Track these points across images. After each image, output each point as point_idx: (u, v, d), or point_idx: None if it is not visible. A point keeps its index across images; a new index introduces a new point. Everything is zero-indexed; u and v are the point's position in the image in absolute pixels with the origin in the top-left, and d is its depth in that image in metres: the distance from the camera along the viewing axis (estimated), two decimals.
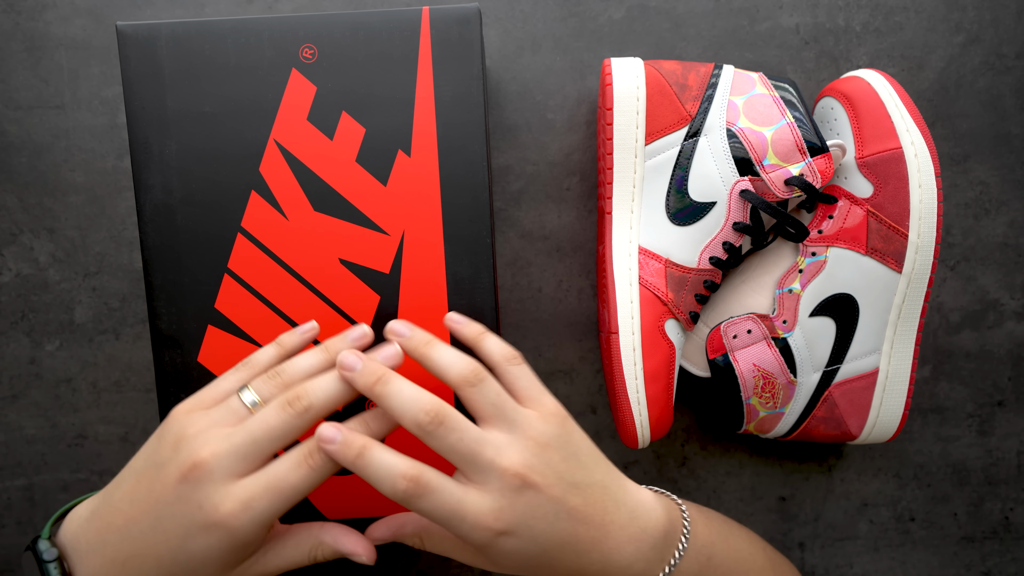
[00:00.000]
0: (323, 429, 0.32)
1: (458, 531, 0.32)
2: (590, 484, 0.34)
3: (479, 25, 0.38)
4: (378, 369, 0.33)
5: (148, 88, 0.38)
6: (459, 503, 0.32)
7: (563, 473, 0.33)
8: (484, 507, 0.32)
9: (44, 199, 0.47)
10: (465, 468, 0.33)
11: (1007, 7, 0.48)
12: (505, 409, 0.34)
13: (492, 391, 0.34)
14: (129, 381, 0.48)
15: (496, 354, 0.36)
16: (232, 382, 0.35)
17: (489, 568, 0.35)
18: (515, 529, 0.32)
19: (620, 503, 0.35)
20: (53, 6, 0.47)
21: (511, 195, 0.48)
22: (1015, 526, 0.50)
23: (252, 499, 0.31)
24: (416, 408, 0.32)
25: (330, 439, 0.32)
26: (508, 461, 0.32)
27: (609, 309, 0.42)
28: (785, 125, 0.41)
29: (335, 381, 0.33)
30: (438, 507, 0.32)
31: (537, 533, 0.32)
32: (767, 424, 0.44)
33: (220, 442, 0.31)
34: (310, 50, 0.38)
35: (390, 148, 0.39)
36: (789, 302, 0.42)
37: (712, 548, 0.37)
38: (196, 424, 0.32)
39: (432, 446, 0.33)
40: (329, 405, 0.33)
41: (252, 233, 0.39)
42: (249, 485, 0.31)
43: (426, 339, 0.36)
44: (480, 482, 0.32)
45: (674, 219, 0.42)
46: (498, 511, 0.32)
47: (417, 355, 0.35)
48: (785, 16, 0.47)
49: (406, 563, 0.50)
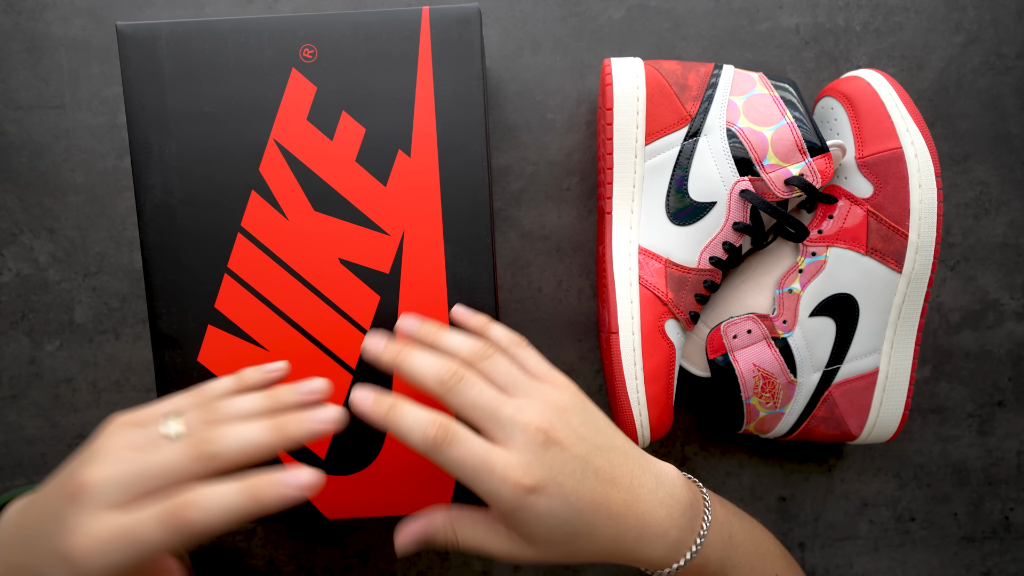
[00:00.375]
0: (356, 392, 0.34)
1: (487, 487, 0.31)
2: (612, 448, 0.34)
3: (479, 25, 0.38)
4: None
5: (148, 88, 0.38)
6: (487, 453, 0.32)
7: (584, 435, 0.33)
8: (512, 460, 0.32)
9: (44, 199, 0.47)
10: (487, 424, 0.33)
11: (1007, 7, 0.48)
12: (519, 381, 0.34)
13: (504, 364, 0.35)
14: (129, 381, 0.48)
15: (503, 340, 0.37)
16: (172, 405, 0.33)
17: (523, 555, 0.34)
18: (545, 485, 0.32)
19: (644, 468, 0.35)
20: (53, 6, 0.47)
21: (511, 195, 0.48)
22: (1015, 526, 0.50)
23: (107, 542, 0.28)
24: (436, 369, 0.33)
25: (362, 399, 0.33)
26: (529, 417, 0.32)
27: (609, 309, 0.42)
28: (785, 125, 0.41)
29: (256, 433, 0.31)
30: (467, 456, 0.32)
31: (568, 491, 0.32)
32: (767, 424, 0.44)
33: (114, 466, 0.29)
34: (310, 50, 0.38)
35: (390, 148, 0.39)
36: (789, 302, 0.42)
37: (731, 526, 0.37)
38: (115, 440, 0.30)
39: (453, 404, 0.33)
40: (238, 457, 0.30)
41: (252, 233, 0.39)
42: (113, 524, 0.28)
43: (434, 329, 0.37)
44: (504, 439, 0.32)
45: (674, 219, 0.42)
46: (526, 465, 0.32)
47: (428, 342, 0.36)
48: (785, 16, 0.47)
49: (406, 563, 0.50)
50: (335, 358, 0.39)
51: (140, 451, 0.30)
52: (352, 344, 0.39)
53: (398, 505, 0.40)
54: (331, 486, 0.40)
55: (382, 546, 0.49)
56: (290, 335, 0.39)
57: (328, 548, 0.49)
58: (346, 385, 0.39)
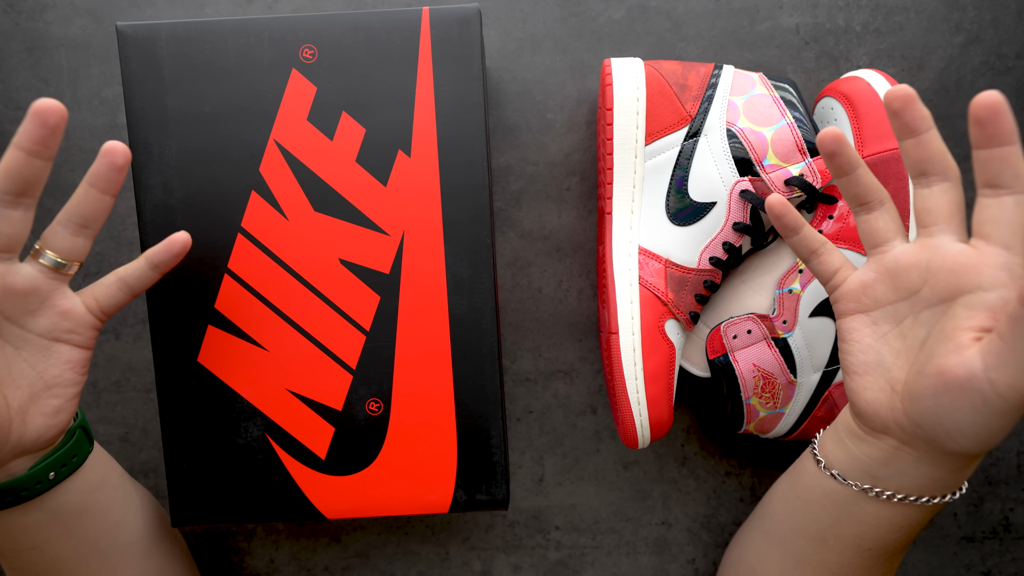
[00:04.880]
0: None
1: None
2: None
3: (479, 25, 0.38)
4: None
5: (148, 88, 0.38)
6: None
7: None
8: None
9: (44, 199, 0.47)
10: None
11: (1007, 7, 0.48)
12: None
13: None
14: (129, 381, 0.48)
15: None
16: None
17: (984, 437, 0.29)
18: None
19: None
20: (53, 6, 0.47)
21: (511, 195, 0.48)
22: (1015, 526, 0.50)
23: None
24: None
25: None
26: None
27: (609, 309, 0.42)
28: (785, 125, 0.41)
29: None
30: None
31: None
32: (767, 424, 0.44)
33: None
34: (310, 50, 0.38)
35: (390, 148, 0.39)
36: (789, 302, 0.42)
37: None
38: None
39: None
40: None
41: (252, 233, 0.39)
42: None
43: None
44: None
45: (674, 219, 0.42)
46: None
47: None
48: (785, 16, 0.47)
49: (406, 563, 0.50)
50: (335, 358, 0.39)
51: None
52: (352, 344, 0.39)
53: (398, 505, 0.40)
54: (331, 486, 0.40)
55: (382, 546, 0.50)
56: (290, 335, 0.39)
57: (328, 548, 0.49)
58: (346, 385, 0.39)
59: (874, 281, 0.33)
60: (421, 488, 0.40)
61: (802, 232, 0.36)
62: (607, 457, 0.49)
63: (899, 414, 0.31)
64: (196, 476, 0.40)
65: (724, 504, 0.50)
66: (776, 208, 0.36)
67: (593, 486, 0.49)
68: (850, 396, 0.33)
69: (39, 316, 0.33)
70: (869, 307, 0.33)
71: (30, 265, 0.33)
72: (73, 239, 0.33)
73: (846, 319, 0.34)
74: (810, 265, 0.36)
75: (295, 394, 0.39)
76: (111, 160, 0.33)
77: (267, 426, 0.40)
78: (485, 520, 0.50)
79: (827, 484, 0.35)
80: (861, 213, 0.34)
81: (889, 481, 0.33)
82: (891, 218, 0.33)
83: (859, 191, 0.33)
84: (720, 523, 0.50)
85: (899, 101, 0.30)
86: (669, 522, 0.50)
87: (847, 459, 0.34)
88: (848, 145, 0.33)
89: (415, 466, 0.40)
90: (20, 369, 0.33)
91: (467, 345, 0.39)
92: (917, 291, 0.31)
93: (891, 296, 0.32)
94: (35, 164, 0.31)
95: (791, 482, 0.38)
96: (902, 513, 0.34)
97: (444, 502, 0.40)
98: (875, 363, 0.32)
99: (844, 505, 0.35)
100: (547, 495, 0.49)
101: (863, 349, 0.33)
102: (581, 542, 0.50)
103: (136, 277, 0.36)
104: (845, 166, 0.33)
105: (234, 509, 0.40)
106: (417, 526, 0.49)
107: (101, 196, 0.33)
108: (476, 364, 0.39)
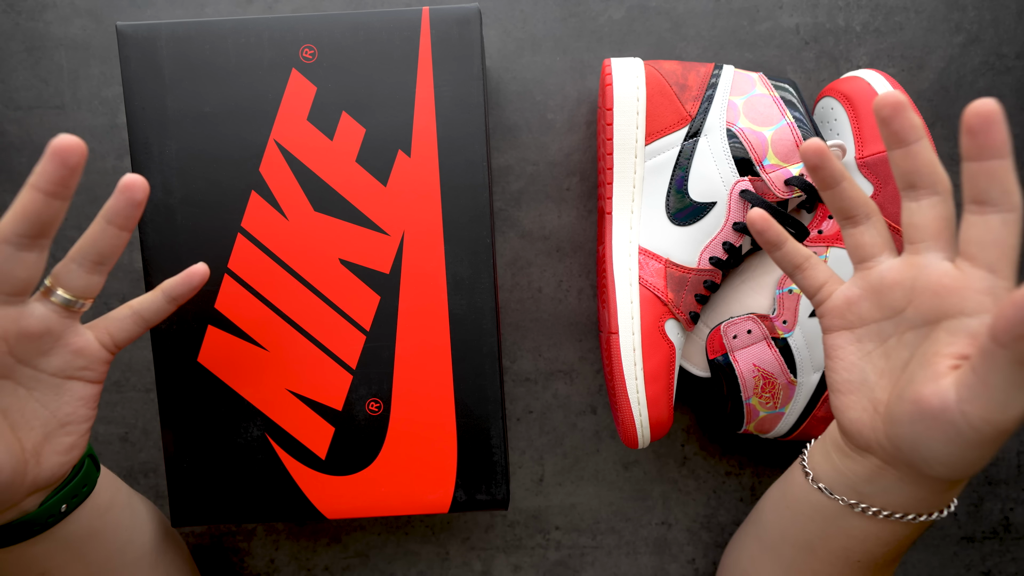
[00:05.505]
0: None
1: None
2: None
3: (479, 25, 0.38)
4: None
5: (148, 88, 0.38)
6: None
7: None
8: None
9: None
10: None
11: (1007, 7, 0.48)
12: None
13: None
14: (129, 381, 0.48)
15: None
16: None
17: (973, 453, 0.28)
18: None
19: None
20: (53, 6, 0.47)
21: (511, 195, 0.48)
22: (1015, 526, 0.50)
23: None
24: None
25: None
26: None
27: (609, 309, 0.42)
28: (785, 125, 0.41)
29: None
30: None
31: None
32: (767, 424, 0.44)
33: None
34: (310, 50, 0.38)
35: (390, 148, 0.39)
36: (789, 302, 0.42)
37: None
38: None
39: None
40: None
41: (252, 233, 0.39)
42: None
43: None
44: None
45: (674, 219, 0.42)
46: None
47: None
48: (785, 16, 0.47)
49: (406, 563, 0.50)
50: (335, 358, 0.39)
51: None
52: (352, 344, 0.39)
53: (398, 505, 0.40)
54: (331, 486, 0.40)
55: (382, 546, 0.50)
56: (290, 335, 0.39)
57: (328, 548, 0.49)
58: (346, 385, 0.39)
59: (859, 298, 0.32)
60: (421, 488, 0.40)
61: (785, 247, 0.35)
62: (607, 457, 0.49)
63: (880, 435, 0.31)
64: (196, 476, 0.40)
65: (724, 504, 0.50)
66: (757, 223, 0.34)
67: (593, 486, 0.49)
68: (835, 414, 0.33)
69: (52, 356, 0.32)
70: (854, 324, 0.32)
71: (42, 304, 0.31)
72: (88, 277, 0.32)
73: (831, 335, 0.33)
74: (795, 280, 0.35)
75: (295, 394, 0.39)
76: (130, 196, 0.31)
77: (267, 426, 0.40)
78: (485, 520, 0.50)
79: (814, 497, 0.35)
80: (847, 227, 0.33)
81: (875, 498, 0.33)
82: (878, 232, 0.32)
83: (844, 204, 0.32)
84: (720, 523, 0.50)
85: (888, 108, 0.29)
86: (669, 522, 0.50)
87: (834, 473, 0.34)
88: (831, 158, 0.32)
89: (415, 466, 0.40)
90: (33, 410, 0.31)
91: (467, 345, 0.39)
92: (902, 311, 0.30)
93: (876, 314, 0.32)
94: (54, 205, 0.29)
95: (782, 491, 0.38)
96: (889, 529, 0.33)
97: (444, 502, 0.40)
98: (859, 382, 0.32)
99: (831, 519, 0.34)
100: (547, 495, 0.49)
101: (847, 367, 0.32)
102: (581, 542, 0.50)
103: (152, 310, 0.35)
104: (829, 179, 0.32)
105: (234, 509, 0.40)
106: (417, 526, 0.49)
107: (119, 233, 0.31)
108: (476, 364, 0.39)
